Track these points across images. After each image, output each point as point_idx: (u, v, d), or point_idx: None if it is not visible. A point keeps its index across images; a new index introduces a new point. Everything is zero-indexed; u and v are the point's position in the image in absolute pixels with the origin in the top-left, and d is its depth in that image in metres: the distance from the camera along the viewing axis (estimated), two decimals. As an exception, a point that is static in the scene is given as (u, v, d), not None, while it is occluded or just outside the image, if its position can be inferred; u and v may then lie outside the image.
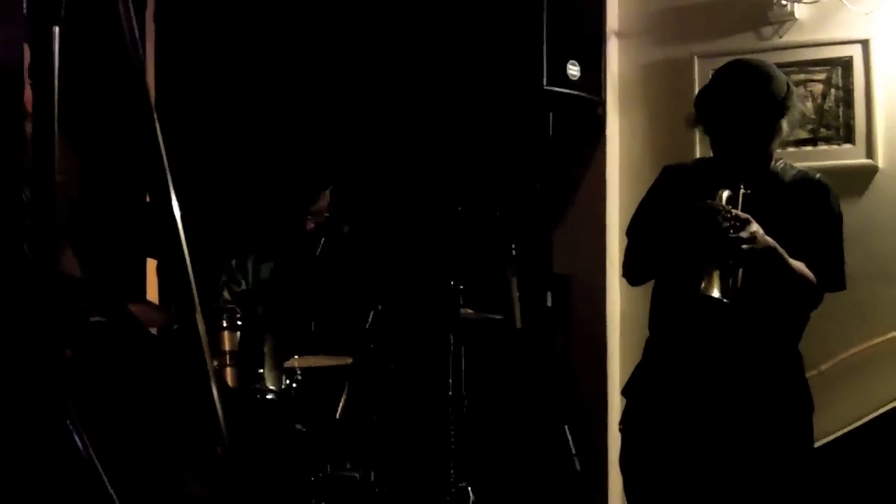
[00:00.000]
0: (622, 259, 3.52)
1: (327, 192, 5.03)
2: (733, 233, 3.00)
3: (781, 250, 3.06)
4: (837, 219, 3.25)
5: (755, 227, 3.02)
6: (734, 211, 3.04)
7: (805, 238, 3.15)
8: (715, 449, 3.19)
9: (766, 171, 3.24)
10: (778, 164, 3.29)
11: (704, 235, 3.02)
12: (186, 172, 4.93)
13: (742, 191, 3.10)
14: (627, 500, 3.44)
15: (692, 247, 3.05)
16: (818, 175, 3.29)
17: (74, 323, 2.30)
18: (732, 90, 3.15)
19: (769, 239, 3.04)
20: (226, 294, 4.87)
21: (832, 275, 3.19)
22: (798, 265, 3.11)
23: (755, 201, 3.09)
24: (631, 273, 3.47)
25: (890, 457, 4.23)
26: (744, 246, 3.00)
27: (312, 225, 4.99)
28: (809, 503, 3.28)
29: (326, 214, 4.95)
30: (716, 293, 2.97)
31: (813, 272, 3.13)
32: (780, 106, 3.12)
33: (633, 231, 3.49)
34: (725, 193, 3.09)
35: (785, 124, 3.15)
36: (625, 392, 3.49)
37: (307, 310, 4.88)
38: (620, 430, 3.42)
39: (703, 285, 2.98)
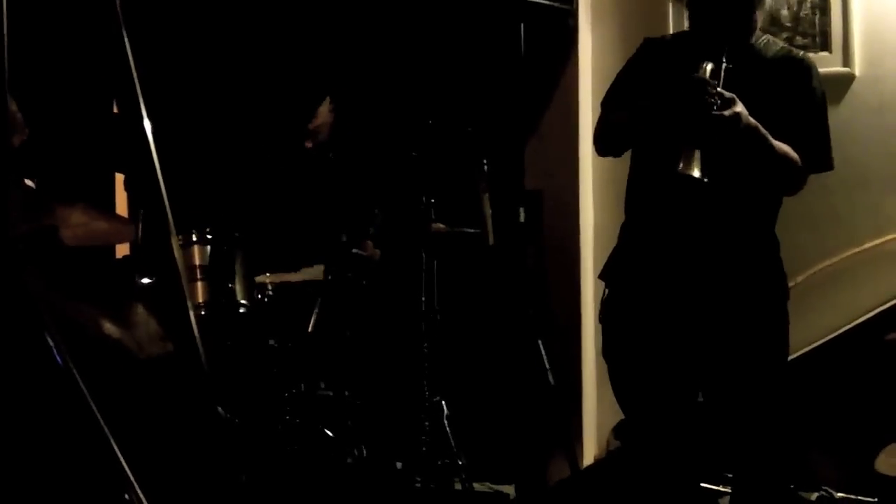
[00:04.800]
0: (594, 129, 3.39)
1: (325, 108, 4.92)
2: (717, 110, 2.93)
3: (764, 131, 3.01)
4: (821, 98, 3.19)
5: (740, 107, 2.95)
6: (720, 89, 2.96)
7: (788, 118, 3.09)
8: (694, 327, 3.17)
9: (746, 44, 3.16)
10: (761, 39, 3.22)
11: (688, 108, 2.95)
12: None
13: (724, 64, 3.02)
14: (613, 388, 3.36)
15: (674, 119, 2.98)
16: (801, 53, 3.23)
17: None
18: None
19: (752, 119, 2.98)
20: None
21: (818, 154, 3.15)
22: (781, 146, 3.06)
23: (736, 77, 3.02)
24: (603, 142, 3.36)
25: (865, 368, 4.24)
26: (726, 124, 2.93)
27: (310, 144, 4.90)
28: (786, 403, 3.28)
29: (321, 133, 4.86)
30: (695, 172, 2.92)
31: (798, 153, 3.08)
32: None
33: (610, 101, 3.37)
34: (709, 66, 3.00)
35: None
36: (602, 276, 3.42)
37: (279, 224, 4.84)
38: (600, 320, 3.37)
39: (681, 165, 2.93)
